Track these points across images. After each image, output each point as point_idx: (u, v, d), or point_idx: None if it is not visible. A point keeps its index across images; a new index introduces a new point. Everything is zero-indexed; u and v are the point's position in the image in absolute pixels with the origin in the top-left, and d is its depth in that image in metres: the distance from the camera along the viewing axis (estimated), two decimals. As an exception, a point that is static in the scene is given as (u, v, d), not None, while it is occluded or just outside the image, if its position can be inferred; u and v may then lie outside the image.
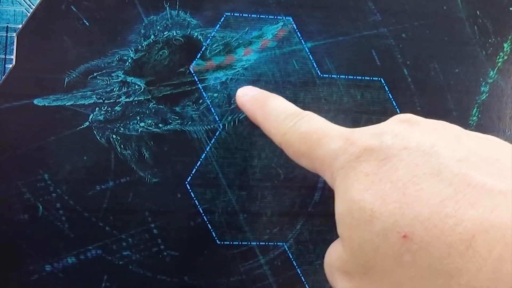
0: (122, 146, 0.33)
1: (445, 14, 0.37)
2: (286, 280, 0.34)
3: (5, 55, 0.33)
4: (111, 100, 0.34)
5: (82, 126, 0.33)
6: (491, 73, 0.37)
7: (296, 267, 0.34)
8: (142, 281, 0.33)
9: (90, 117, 0.33)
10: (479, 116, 0.37)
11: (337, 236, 0.24)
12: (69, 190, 0.33)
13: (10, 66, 0.33)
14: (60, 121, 0.33)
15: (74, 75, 0.33)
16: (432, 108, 0.36)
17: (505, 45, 0.37)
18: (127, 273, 0.33)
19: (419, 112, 0.36)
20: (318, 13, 0.35)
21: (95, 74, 0.33)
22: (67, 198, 0.33)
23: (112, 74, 0.34)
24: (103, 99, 0.34)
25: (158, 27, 0.34)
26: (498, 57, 0.37)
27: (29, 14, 0.33)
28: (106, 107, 0.33)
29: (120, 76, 0.34)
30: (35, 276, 0.33)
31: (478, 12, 0.37)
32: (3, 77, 0.33)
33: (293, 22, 0.35)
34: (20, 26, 0.33)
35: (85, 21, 0.33)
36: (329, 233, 0.35)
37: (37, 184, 0.33)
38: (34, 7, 0.33)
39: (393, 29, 0.36)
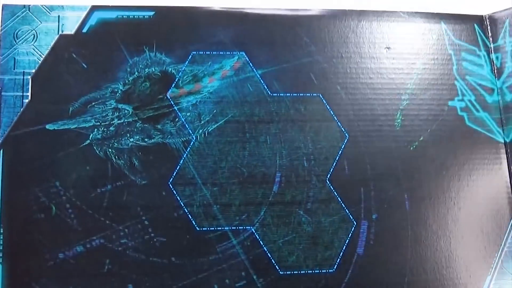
0: (116, 157, 0.59)
1: (366, 41, 0.66)
2: (255, 257, 0.59)
3: (23, 93, 0.59)
4: (106, 123, 0.60)
5: (84, 144, 0.59)
6: (409, 85, 0.65)
7: (263, 245, 0.59)
8: (138, 263, 0.57)
9: (90, 137, 0.60)
10: (403, 118, 0.64)
11: (295, 219, 0.49)
12: (76, 193, 0.58)
13: (27, 100, 0.60)
14: (67, 141, 0.59)
15: (76, 105, 0.60)
16: (363, 114, 0.64)
17: (418, 62, 0.66)
18: (125, 257, 0.57)
19: (353, 117, 0.64)
20: (265, 48, 0.64)
21: (93, 103, 0.60)
22: (75, 200, 0.58)
23: (106, 103, 0.60)
24: (100, 122, 0.60)
25: (140, 66, 0.62)
26: (413, 71, 0.65)
27: (40, 62, 0.61)
28: (102, 128, 0.60)
29: (113, 104, 0.61)
30: (50, 262, 0.56)
31: (393, 37, 0.66)
32: (22, 109, 0.59)
33: (245, 56, 0.63)
34: (34, 70, 0.61)
35: (83, 64, 0.61)
36: (287, 217, 0.60)
37: (50, 189, 0.58)
38: (43, 56, 0.61)
39: (326, 55, 0.65)
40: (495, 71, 0.65)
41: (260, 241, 0.58)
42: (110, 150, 0.58)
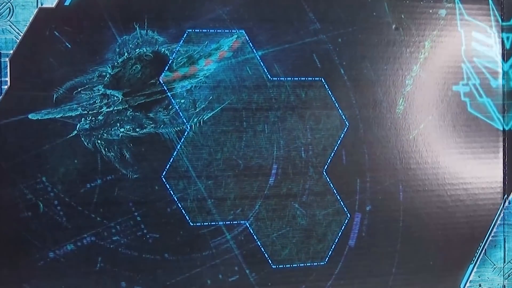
0: (106, 149, 0.62)
1: (374, 20, 0.67)
2: (249, 251, 0.65)
3: (1, 78, 0.59)
4: (94, 111, 0.62)
5: (71, 135, 0.61)
6: (414, 68, 0.69)
7: (257, 240, 0.65)
8: (130, 260, 0.63)
9: (77, 127, 0.61)
10: (405, 105, 0.69)
11: (290, 212, 0.55)
12: (64, 189, 0.61)
13: (6, 87, 0.60)
14: (52, 132, 0.61)
15: (61, 91, 0.61)
16: (365, 100, 0.68)
17: (426, 43, 0.69)
18: (118, 254, 0.63)
19: (355, 103, 0.68)
20: (266, 25, 0.65)
21: (79, 89, 0.61)
22: (63, 196, 0.61)
23: (94, 89, 0.62)
24: (87, 110, 0.62)
25: (130, 45, 0.62)
26: (420, 54, 0.69)
27: (18, 41, 0.61)
28: (90, 117, 0.62)
29: (101, 90, 0.62)
30: (41, 262, 0.61)
31: (402, 16, 0.69)
32: (0, 97, 0.60)
33: (245, 34, 0.64)
34: (11, 51, 0.60)
35: (67, 44, 0.61)
36: (282, 210, 0.66)
37: (36, 186, 0.61)
38: (22, 34, 0.61)
39: (331, 35, 0.67)
40: (504, 52, 0.69)
41: (254, 236, 0.64)
42: (99, 141, 0.61)
